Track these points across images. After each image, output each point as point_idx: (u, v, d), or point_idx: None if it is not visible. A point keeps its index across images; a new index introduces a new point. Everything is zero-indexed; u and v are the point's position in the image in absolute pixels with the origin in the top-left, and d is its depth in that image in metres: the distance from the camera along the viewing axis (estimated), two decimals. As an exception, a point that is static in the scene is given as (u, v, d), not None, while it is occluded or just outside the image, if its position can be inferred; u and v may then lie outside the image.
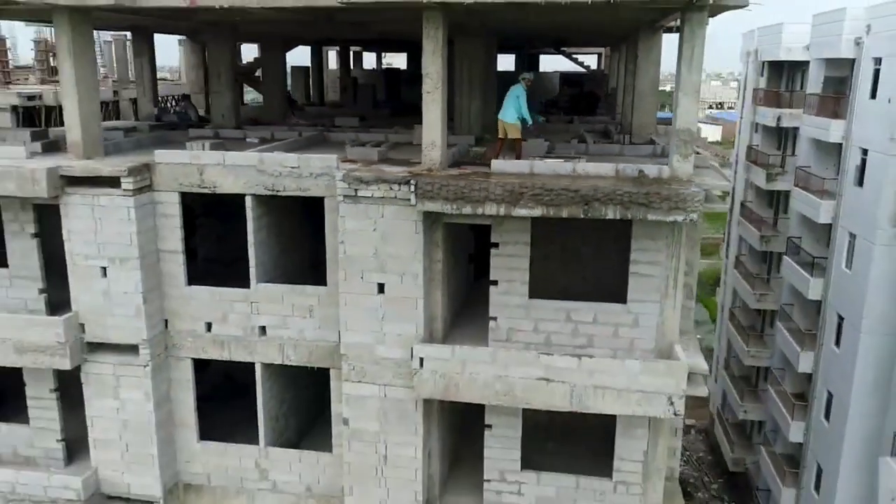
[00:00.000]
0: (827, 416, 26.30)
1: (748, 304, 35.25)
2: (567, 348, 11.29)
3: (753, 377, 36.37)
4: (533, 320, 11.50)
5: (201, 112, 21.23)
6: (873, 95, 23.73)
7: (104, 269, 12.14)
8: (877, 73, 23.61)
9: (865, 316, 23.49)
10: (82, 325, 12.46)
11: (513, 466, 12.21)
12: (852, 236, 24.77)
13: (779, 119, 32.31)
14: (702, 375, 11.42)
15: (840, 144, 25.87)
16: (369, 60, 39.38)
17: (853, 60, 25.21)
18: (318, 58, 28.52)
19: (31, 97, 28.99)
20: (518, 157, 12.04)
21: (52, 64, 40.43)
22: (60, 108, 30.24)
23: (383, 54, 40.21)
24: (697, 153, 11.91)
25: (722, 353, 40.74)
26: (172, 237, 12.34)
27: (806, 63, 30.75)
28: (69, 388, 13.42)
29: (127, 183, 11.68)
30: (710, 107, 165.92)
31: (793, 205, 30.18)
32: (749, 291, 34.60)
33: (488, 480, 12.34)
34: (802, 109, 29.88)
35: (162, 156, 12.11)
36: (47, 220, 12.71)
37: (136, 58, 19.47)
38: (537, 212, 10.26)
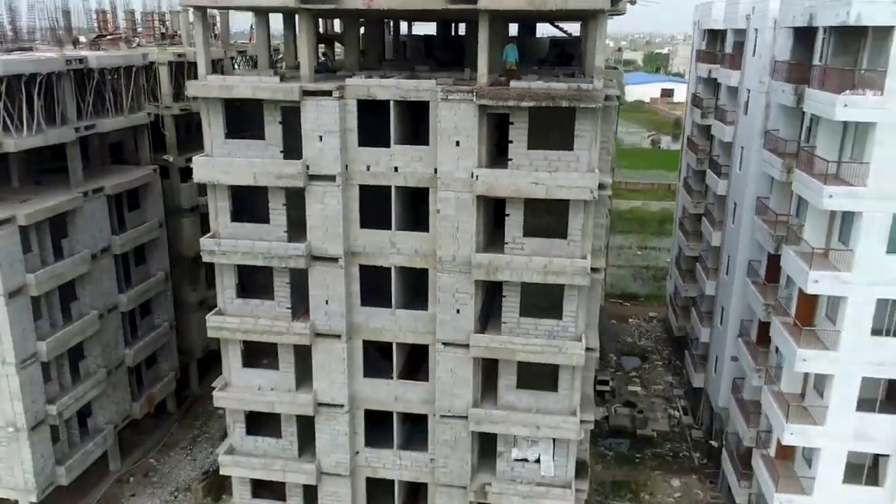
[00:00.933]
0: (727, 273, 39.69)
1: (690, 211, 48.51)
2: (546, 171, 24.43)
3: (693, 267, 49.78)
4: (529, 159, 24.58)
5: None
6: (754, 54, 36.60)
7: (321, 137, 25.23)
8: (756, 39, 36.43)
9: (746, 199, 36.66)
10: (307, 166, 25.58)
11: (519, 234, 25.41)
12: (742, 148, 37.85)
13: (709, 72, 45.23)
14: (607, 187, 24.60)
15: (737, 87, 38.84)
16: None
17: (745, 30, 38.06)
18: (380, 27, 41.10)
19: (179, 55, 41.72)
20: (514, 80, 24.82)
21: (163, 31, 52.72)
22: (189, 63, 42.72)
23: (413, 24, 52.57)
24: (610, 80, 24.92)
25: (675, 254, 54.19)
26: (352, 122, 25.38)
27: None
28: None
29: (335, 94, 24.70)
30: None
31: (714, 132, 43.26)
32: (690, 202, 47.86)
33: (506, 242, 25.59)
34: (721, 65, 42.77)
35: (350, 80, 25.13)
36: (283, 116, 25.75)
37: (285, 31, 32.20)
38: (532, 103, 23.35)
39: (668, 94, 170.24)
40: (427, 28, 49.19)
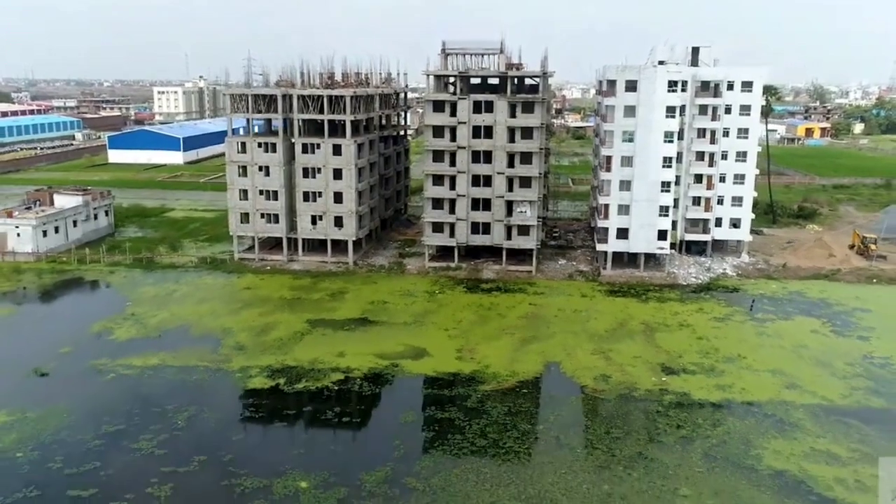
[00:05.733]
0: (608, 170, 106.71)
1: (593, 164, 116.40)
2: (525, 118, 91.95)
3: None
4: (522, 116, 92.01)
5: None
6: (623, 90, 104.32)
7: (464, 111, 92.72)
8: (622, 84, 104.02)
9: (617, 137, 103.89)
10: (458, 119, 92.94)
11: (519, 137, 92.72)
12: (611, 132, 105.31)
13: (603, 101, 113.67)
14: (545, 125, 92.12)
15: (614, 105, 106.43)
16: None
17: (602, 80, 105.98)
18: (468, 80, 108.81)
19: (380, 91, 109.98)
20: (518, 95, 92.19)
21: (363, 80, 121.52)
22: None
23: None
24: (545, 96, 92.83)
25: (592, 191, 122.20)
26: (471, 107, 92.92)
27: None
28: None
29: (468, 99, 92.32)
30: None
31: (604, 126, 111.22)
32: (594, 157, 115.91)
33: (514, 141, 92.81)
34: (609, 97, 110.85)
35: (472, 95, 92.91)
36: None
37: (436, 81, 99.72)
38: (523, 100, 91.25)
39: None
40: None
